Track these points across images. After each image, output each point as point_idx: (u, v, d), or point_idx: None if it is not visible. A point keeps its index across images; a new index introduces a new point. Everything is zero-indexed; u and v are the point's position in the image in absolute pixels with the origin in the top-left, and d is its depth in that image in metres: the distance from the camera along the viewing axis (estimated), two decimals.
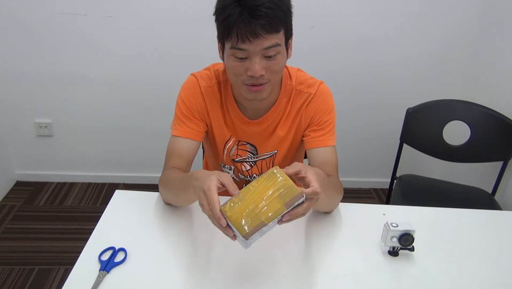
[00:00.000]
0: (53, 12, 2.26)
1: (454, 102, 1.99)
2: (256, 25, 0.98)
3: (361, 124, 2.65)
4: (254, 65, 1.04)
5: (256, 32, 0.99)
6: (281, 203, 0.85)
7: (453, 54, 2.44)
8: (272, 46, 1.03)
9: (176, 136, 1.24)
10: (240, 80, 1.10)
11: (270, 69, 1.08)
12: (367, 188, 2.88)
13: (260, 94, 1.13)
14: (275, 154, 1.34)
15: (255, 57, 1.04)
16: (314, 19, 2.32)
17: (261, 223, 0.84)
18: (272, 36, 1.02)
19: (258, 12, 0.98)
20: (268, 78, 1.09)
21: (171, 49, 2.38)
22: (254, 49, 1.02)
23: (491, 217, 1.32)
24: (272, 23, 1.00)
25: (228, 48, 1.05)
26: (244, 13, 0.98)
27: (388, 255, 1.09)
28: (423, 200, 1.91)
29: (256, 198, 0.86)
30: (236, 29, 0.99)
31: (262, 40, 1.01)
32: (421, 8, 2.32)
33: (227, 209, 0.86)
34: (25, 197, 2.60)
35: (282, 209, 0.85)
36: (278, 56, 1.07)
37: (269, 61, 1.06)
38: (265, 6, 0.98)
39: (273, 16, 0.99)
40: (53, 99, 2.52)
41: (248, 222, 0.84)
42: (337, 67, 2.45)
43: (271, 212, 0.84)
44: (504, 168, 1.93)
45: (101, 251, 1.05)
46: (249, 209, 0.85)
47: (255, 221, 0.84)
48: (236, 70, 1.08)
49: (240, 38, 1.00)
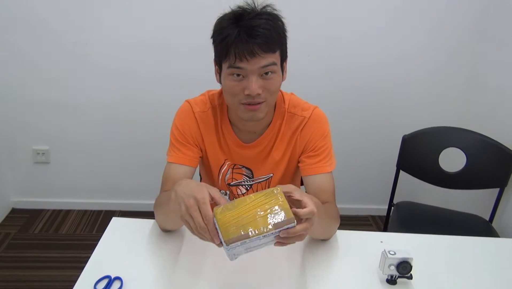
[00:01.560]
0: (50, 40, 2.30)
1: (450, 129, 2.01)
2: (253, 44, 1.03)
3: (357, 151, 2.66)
4: (251, 84, 1.07)
5: (253, 51, 1.03)
6: (270, 222, 0.85)
7: (449, 82, 2.48)
8: (268, 64, 1.07)
9: (171, 163, 1.26)
10: (237, 100, 1.12)
11: (267, 88, 1.11)
12: (365, 215, 2.86)
13: (257, 114, 1.15)
14: (270, 178, 1.34)
15: (252, 76, 1.07)
16: (311, 47, 2.36)
17: (245, 234, 0.84)
18: (268, 55, 1.06)
19: (255, 32, 1.03)
20: (264, 97, 1.12)
21: (167, 75, 2.41)
22: (251, 68, 1.06)
23: (489, 244, 1.31)
24: (269, 43, 1.05)
25: (226, 68, 1.09)
26: (242, 33, 1.03)
27: (386, 283, 1.08)
28: (420, 227, 1.90)
29: (249, 210, 0.86)
30: (234, 48, 1.04)
31: (259, 59, 1.05)
32: (415, 36, 2.37)
33: (218, 211, 0.86)
34: (20, 225, 2.58)
35: (270, 229, 0.84)
36: (274, 76, 1.10)
37: (266, 81, 1.09)
38: (261, 27, 1.03)
39: (269, 36, 1.04)
40: (51, 126, 2.53)
41: (233, 230, 0.84)
42: (333, 94, 2.48)
43: (257, 228, 0.84)
44: (500, 195, 1.93)
45: (97, 279, 1.04)
46: (239, 218, 0.85)
47: (240, 230, 0.84)
48: (233, 89, 1.11)
49: (238, 57, 1.04)
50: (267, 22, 1.05)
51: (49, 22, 2.26)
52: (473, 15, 2.32)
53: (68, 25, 2.27)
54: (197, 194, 0.88)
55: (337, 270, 1.14)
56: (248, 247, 0.86)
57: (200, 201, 0.88)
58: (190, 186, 0.93)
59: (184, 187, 0.93)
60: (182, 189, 0.93)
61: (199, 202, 0.88)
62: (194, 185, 0.93)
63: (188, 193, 0.90)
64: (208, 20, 1.16)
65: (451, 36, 2.37)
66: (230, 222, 0.85)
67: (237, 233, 0.84)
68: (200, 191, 0.89)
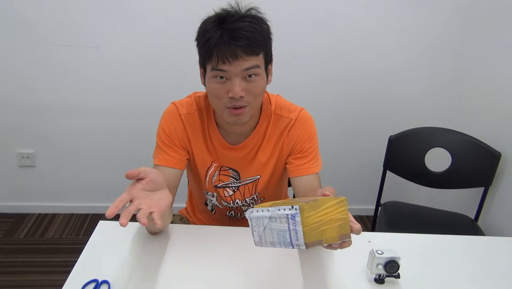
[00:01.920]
0: (38, 42, 2.28)
1: (435, 129, 2.03)
2: (236, 47, 1.03)
3: (345, 152, 2.67)
4: (234, 86, 1.07)
5: (236, 54, 1.03)
6: (337, 233, 0.86)
7: (434, 83, 2.51)
8: (251, 67, 1.07)
9: (158, 166, 1.25)
10: (222, 103, 1.12)
11: (250, 91, 1.11)
12: (352, 215, 2.87)
13: (241, 118, 1.15)
14: (257, 179, 1.34)
15: (235, 79, 1.07)
16: (298, 49, 2.37)
17: (320, 240, 0.83)
18: (251, 58, 1.06)
19: (238, 35, 1.03)
20: (248, 101, 1.12)
21: (156, 79, 2.40)
22: (234, 70, 1.06)
23: (474, 242, 1.33)
24: (252, 45, 1.04)
25: (209, 70, 1.09)
26: (225, 36, 1.03)
27: (374, 283, 1.09)
28: (407, 226, 1.92)
29: (327, 215, 0.85)
30: (217, 51, 1.04)
31: (242, 62, 1.05)
32: (402, 39, 2.40)
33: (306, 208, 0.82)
34: (5, 230, 2.54)
35: (336, 239, 0.85)
36: (258, 78, 1.11)
37: (249, 83, 1.10)
38: (244, 29, 1.03)
39: (252, 39, 1.04)
40: (36, 129, 2.50)
41: (313, 233, 0.82)
42: (320, 96, 2.50)
43: (330, 236, 0.84)
44: (485, 194, 1.96)
45: (84, 283, 1.03)
46: (320, 222, 0.83)
47: (318, 235, 0.83)
48: (217, 92, 1.11)
49: (220, 59, 1.04)
50: (250, 25, 1.05)
51: (34, 22, 2.24)
52: (459, 16, 2.35)
53: (53, 26, 2.26)
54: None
55: (325, 270, 1.14)
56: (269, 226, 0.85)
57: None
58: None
59: None
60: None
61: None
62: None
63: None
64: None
65: (437, 38, 2.40)
66: (313, 224, 0.82)
67: (316, 238, 0.83)
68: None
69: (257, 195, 1.37)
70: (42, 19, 2.24)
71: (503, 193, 1.96)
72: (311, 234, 0.82)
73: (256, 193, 1.36)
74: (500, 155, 1.90)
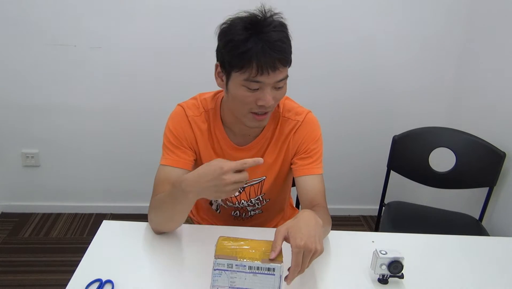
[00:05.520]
0: (41, 42, 2.28)
1: (439, 129, 2.02)
2: (275, 59, 1.05)
3: (348, 151, 2.67)
4: (266, 96, 1.09)
5: (275, 66, 1.05)
6: (260, 258, 0.91)
7: (438, 83, 2.50)
8: (284, 78, 1.11)
9: (165, 166, 1.25)
10: (246, 109, 1.14)
11: (276, 98, 1.13)
12: (356, 215, 2.88)
13: (263, 122, 1.19)
14: (263, 180, 1.34)
15: (268, 88, 1.09)
16: (302, 51, 2.36)
17: (234, 256, 0.91)
18: (285, 69, 1.10)
19: (277, 47, 1.04)
20: (272, 106, 1.15)
21: (159, 79, 2.41)
22: (269, 81, 1.08)
23: (479, 243, 1.33)
24: (287, 57, 1.08)
25: (242, 78, 1.08)
26: (265, 48, 1.03)
27: (378, 283, 1.09)
28: (411, 227, 1.91)
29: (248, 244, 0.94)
30: (257, 62, 1.04)
31: (277, 74, 1.07)
32: (405, 38, 2.39)
33: (221, 239, 0.95)
34: (9, 229, 2.55)
35: (257, 261, 0.90)
36: (284, 86, 1.14)
37: (277, 92, 1.12)
38: (281, 41, 1.05)
39: (287, 50, 1.08)
40: (40, 129, 2.51)
41: (226, 251, 0.92)
42: (325, 97, 2.49)
43: (247, 257, 0.91)
44: (490, 194, 1.95)
45: (88, 283, 1.03)
46: (237, 249, 0.93)
47: (231, 253, 0.91)
48: (246, 100, 1.12)
49: (259, 71, 1.05)
50: (284, 35, 1.07)
51: (37, 23, 2.25)
52: (461, 16, 2.34)
53: (57, 27, 2.26)
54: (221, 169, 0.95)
55: (329, 270, 1.14)
56: (233, 282, 0.91)
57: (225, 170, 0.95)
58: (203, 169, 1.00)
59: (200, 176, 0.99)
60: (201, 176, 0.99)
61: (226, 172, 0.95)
62: (206, 167, 1.00)
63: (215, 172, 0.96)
64: (209, 22, 1.16)
65: (441, 37, 2.39)
66: (227, 247, 0.93)
67: (228, 253, 0.91)
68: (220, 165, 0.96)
69: (262, 195, 1.37)
70: (45, 21, 2.24)
71: (508, 193, 1.95)
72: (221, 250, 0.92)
73: (261, 193, 1.37)
74: (504, 155, 1.89)
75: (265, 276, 0.90)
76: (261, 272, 0.90)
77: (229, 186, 0.95)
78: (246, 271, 0.90)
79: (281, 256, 0.92)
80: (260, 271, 0.90)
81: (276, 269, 0.90)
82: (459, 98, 2.45)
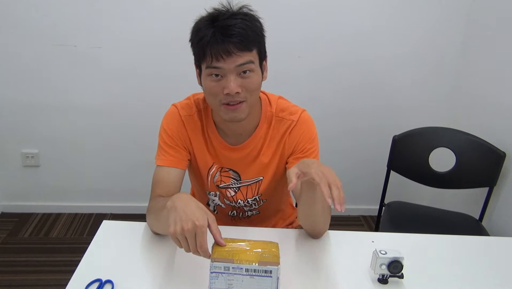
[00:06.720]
0: (42, 43, 2.28)
1: (439, 129, 2.02)
2: (228, 43, 1.05)
3: (348, 151, 2.67)
4: (229, 83, 1.09)
5: (229, 50, 1.06)
6: (257, 260, 0.91)
7: (438, 82, 2.50)
8: (245, 63, 1.09)
9: (160, 166, 1.26)
10: (218, 100, 1.14)
11: (245, 87, 1.12)
12: (356, 215, 2.87)
13: (238, 114, 1.16)
14: (260, 181, 1.34)
15: (230, 75, 1.09)
16: (300, 48, 2.37)
17: (230, 259, 0.91)
18: (244, 54, 1.08)
19: (230, 32, 1.05)
20: (244, 96, 1.13)
21: (159, 79, 2.41)
22: (228, 66, 1.08)
23: (479, 243, 1.33)
24: (244, 41, 1.07)
25: (204, 68, 1.11)
26: (217, 33, 1.05)
27: (378, 283, 1.09)
28: (411, 227, 1.91)
29: (246, 246, 0.94)
30: (210, 49, 1.06)
31: (235, 58, 1.07)
32: (405, 37, 2.39)
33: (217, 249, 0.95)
34: (9, 229, 2.55)
35: (254, 263, 0.90)
36: (253, 74, 1.12)
37: (244, 80, 1.11)
38: (236, 26, 1.06)
39: (245, 35, 1.07)
40: (40, 129, 2.51)
41: (223, 253, 0.92)
42: (324, 95, 2.49)
43: (244, 260, 0.91)
44: (490, 194, 1.95)
45: (88, 283, 1.03)
46: (233, 250, 0.93)
47: (228, 255, 0.91)
48: (213, 90, 1.12)
49: (214, 57, 1.06)
50: (242, 22, 1.07)
51: (37, 23, 2.25)
52: (460, 17, 2.34)
53: (57, 26, 2.26)
54: (198, 221, 0.91)
55: (329, 269, 1.14)
56: (230, 284, 0.91)
57: (198, 229, 0.90)
58: (191, 206, 0.95)
59: (185, 206, 0.95)
60: (182, 207, 0.94)
61: (197, 230, 0.90)
62: (194, 206, 0.95)
63: (188, 215, 0.92)
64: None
65: (440, 37, 2.39)
66: (223, 250, 0.93)
67: (225, 256, 0.91)
68: (201, 218, 0.92)
69: (259, 196, 1.37)
70: (45, 21, 2.24)
71: (508, 193, 1.95)
72: (218, 253, 0.93)
73: (258, 194, 1.36)
74: (504, 155, 1.89)
75: (262, 278, 0.90)
76: (258, 274, 0.90)
77: (188, 223, 0.90)
78: (243, 273, 0.90)
79: (278, 257, 0.92)
80: (257, 273, 0.90)
81: (273, 271, 0.90)
82: (459, 98, 2.44)
